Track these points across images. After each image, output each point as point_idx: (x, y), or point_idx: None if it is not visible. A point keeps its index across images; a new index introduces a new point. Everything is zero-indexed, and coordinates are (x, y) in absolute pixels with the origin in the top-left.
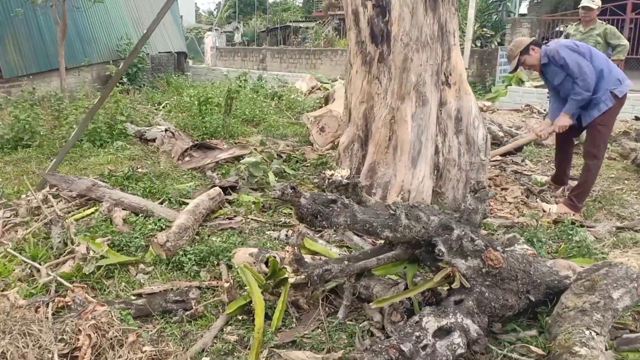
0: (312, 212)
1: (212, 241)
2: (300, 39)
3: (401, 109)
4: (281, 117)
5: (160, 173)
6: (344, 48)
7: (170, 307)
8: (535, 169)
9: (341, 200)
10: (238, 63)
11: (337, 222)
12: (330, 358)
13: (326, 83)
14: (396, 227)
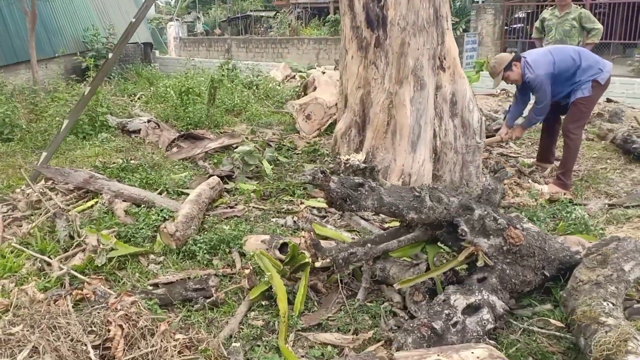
0: (341, 195)
1: (222, 229)
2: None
3: (399, 94)
4: (261, 106)
5: (153, 164)
6: (310, 37)
7: (191, 296)
8: (520, 151)
9: (368, 183)
10: (203, 53)
11: (365, 205)
12: (360, 339)
13: (302, 71)
14: (421, 208)
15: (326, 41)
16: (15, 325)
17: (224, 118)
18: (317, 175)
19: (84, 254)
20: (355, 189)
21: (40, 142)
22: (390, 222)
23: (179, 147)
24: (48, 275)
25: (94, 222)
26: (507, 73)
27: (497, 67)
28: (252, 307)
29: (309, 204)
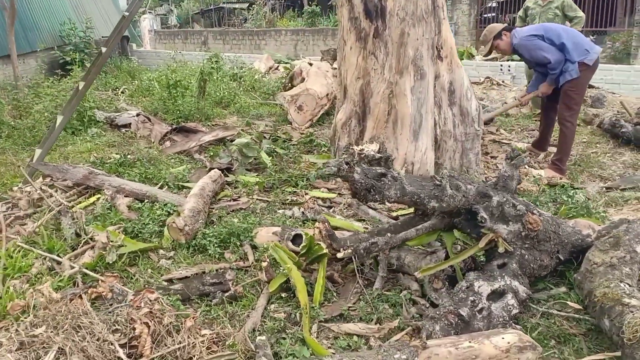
0: (365, 186)
1: (231, 222)
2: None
3: (400, 84)
4: (249, 98)
5: (149, 158)
6: (288, 28)
7: (208, 290)
8: (511, 137)
9: (390, 173)
10: (179, 46)
11: (388, 195)
12: (385, 328)
13: (286, 62)
14: (442, 197)
15: (304, 32)
16: (37, 327)
17: (215, 110)
18: (343, 167)
19: (94, 252)
20: (378, 179)
21: (30, 138)
22: (396, 211)
23: (172, 141)
24: (59, 274)
25: (98, 219)
26: (497, 42)
27: (487, 35)
28: (271, 300)
29: (313, 194)
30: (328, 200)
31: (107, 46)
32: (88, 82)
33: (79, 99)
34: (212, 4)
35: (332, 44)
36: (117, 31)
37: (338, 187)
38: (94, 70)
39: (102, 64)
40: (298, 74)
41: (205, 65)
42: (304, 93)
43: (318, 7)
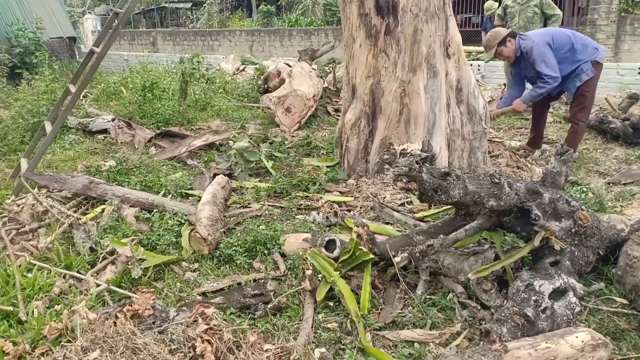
0: (433, 186)
1: (255, 230)
2: (191, 20)
3: (413, 82)
4: (224, 101)
5: (142, 165)
6: (242, 28)
7: (249, 302)
8: (500, 135)
9: (454, 172)
10: (125, 47)
11: (452, 195)
12: (447, 333)
13: (255, 63)
14: (500, 195)
15: (259, 33)
16: (90, 351)
17: (196, 114)
18: (413, 166)
19: (116, 267)
20: (443, 178)
21: (3, 147)
22: (418, 212)
23: (157, 147)
24: (84, 293)
25: (108, 231)
26: (501, 48)
27: (491, 41)
28: (316, 310)
29: (328, 198)
30: (343, 204)
31: (97, 45)
32: (82, 85)
33: (72, 103)
34: (154, 4)
35: (289, 45)
36: (115, 29)
37: (350, 191)
38: (89, 72)
39: (98, 65)
40: (274, 75)
41: (186, 66)
42: (292, 94)
43: (273, 7)
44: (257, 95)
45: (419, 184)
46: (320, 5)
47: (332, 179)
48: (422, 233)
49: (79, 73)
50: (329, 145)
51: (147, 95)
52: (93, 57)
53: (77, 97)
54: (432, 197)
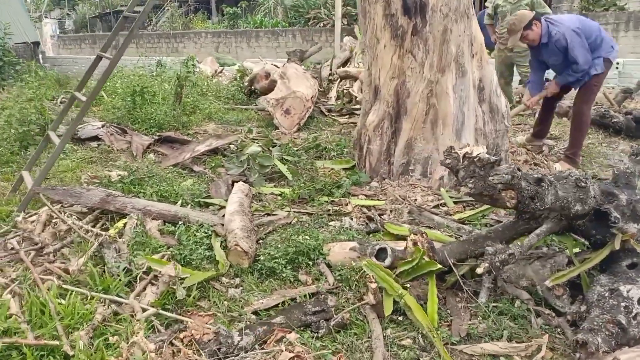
0: (530, 194)
1: (294, 240)
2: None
3: (441, 82)
4: (212, 103)
5: (153, 174)
6: (208, 30)
7: (310, 320)
8: None
9: (546, 178)
10: (86, 51)
11: (546, 202)
12: (533, 345)
13: (232, 65)
14: (586, 199)
15: (225, 34)
16: None
17: (191, 118)
18: (516, 174)
19: (157, 288)
20: (538, 184)
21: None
22: (454, 215)
23: (157, 154)
24: (129, 319)
25: (135, 248)
26: (527, 32)
27: (517, 25)
28: (383, 325)
29: (357, 202)
30: (372, 208)
31: (104, 50)
32: (94, 92)
33: (83, 112)
34: (110, 8)
35: (256, 46)
36: (128, 33)
37: (375, 194)
38: (101, 79)
39: (111, 71)
40: (262, 77)
41: (182, 69)
42: (291, 96)
43: (239, 9)
44: (244, 97)
45: (516, 191)
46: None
47: (356, 182)
48: (481, 238)
49: (85, 80)
50: (338, 147)
51: (137, 100)
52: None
53: (88, 105)
54: (528, 205)
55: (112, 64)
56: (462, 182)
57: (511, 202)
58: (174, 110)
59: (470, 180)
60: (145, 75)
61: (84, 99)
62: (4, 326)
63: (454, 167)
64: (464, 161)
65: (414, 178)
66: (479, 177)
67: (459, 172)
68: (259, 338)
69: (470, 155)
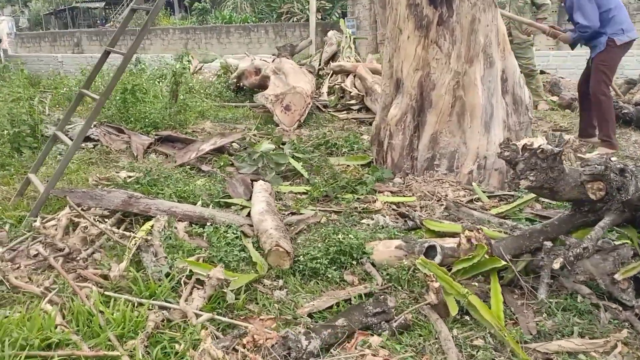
0: (618, 185)
1: (336, 239)
2: (110, 19)
3: (469, 73)
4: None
5: (168, 175)
6: (176, 27)
7: (371, 321)
8: None
9: (629, 168)
10: (46, 49)
11: (629, 193)
12: (612, 340)
13: (210, 61)
14: None
15: (194, 30)
16: None
17: (186, 116)
18: (609, 164)
19: (204, 292)
20: (622, 175)
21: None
22: (490, 209)
23: (159, 154)
24: (182, 325)
25: (168, 250)
26: None
27: None
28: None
29: (384, 199)
30: (401, 204)
31: (112, 45)
32: (108, 90)
33: (97, 111)
34: (65, 4)
35: (226, 42)
36: (142, 28)
37: (400, 190)
38: (115, 75)
39: (124, 68)
40: (251, 73)
41: (177, 66)
42: (291, 92)
43: (208, 4)
44: (231, 94)
45: (605, 183)
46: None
47: (379, 178)
48: (536, 233)
49: (92, 77)
50: (347, 143)
51: (128, 98)
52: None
53: (102, 103)
54: (614, 196)
55: (126, 59)
56: (520, 175)
57: (598, 194)
58: (170, 109)
59: (531, 173)
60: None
61: (96, 96)
62: (57, 337)
63: (513, 159)
64: (524, 153)
65: (439, 173)
66: (541, 170)
67: (517, 165)
68: (325, 341)
69: (531, 146)
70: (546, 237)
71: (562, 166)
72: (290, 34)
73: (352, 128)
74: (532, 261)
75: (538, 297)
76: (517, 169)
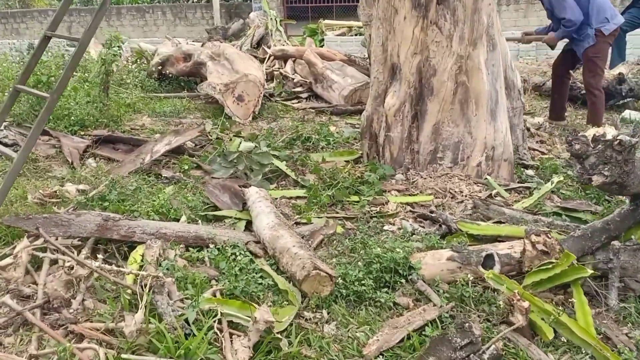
0: None
1: (374, 253)
2: None
3: (473, 56)
4: (128, 92)
5: (122, 186)
6: (55, 8)
7: (460, 356)
8: None
9: None
10: None
11: None
12: None
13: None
14: None
15: (79, 12)
16: None
17: (121, 110)
18: None
19: (247, 339)
20: None
21: None
22: (512, 205)
23: (100, 158)
24: None
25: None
26: None
27: None
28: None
29: (397, 200)
30: (415, 205)
31: (53, 30)
32: (60, 87)
33: (49, 110)
34: None
35: (118, 25)
36: (99, 7)
37: (407, 188)
38: (69, 66)
39: (81, 56)
40: (179, 59)
41: (107, 52)
42: (243, 80)
43: None
44: (154, 84)
45: None
46: None
47: (382, 176)
48: (597, 232)
49: (30, 69)
50: (324, 137)
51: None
52: (47, 46)
53: (54, 103)
54: None
55: (82, 46)
56: (591, 170)
57: None
58: (99, 103)
59: (605, 167)
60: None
61: (44, 94)
62: None
63: (583, 153)
64: (597, 145)
65: (443, 166)
66: (616, 163)
67: (587, 159)
68: None
69: (604, 138)
70: (609, 235)
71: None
72: (191, 16)
73: (313, 119)
74: (596, 263)
75: (610, 304)
76: (587, 164)
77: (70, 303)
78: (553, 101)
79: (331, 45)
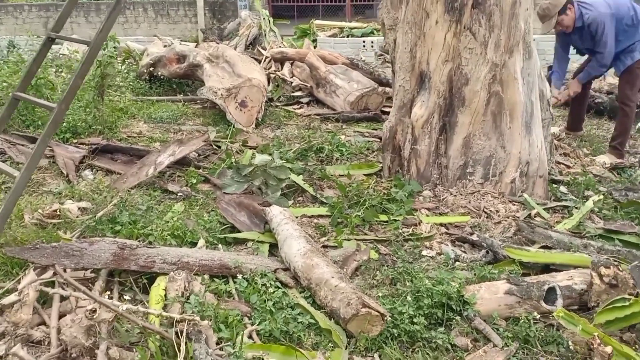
0: None
1: (425, 287)
2: None
3: (509, 65)
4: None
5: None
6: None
7: None
8: None
9: None
10: None
11: None
12: None
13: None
14: None
15: (56, 7)
16: None
17: (115, 116)
18: None
19: None
20: None
21: None
22: (554, 226)
23: (98, 170)
24: None
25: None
26: (562, 17)
27: (551, 10)
28: None
29: (430, 220)
30: (450, 225)
31: (57, 30)
32: (69, 96)
33: (56, 122)
34: None
35: (97, 21)
36: (113, 7)
37: (437, 206)
38: (80, 73)
39: (92, 60)
40: (171, 60)
41: (104, 55)
42: (247, 84)
43: None
44: (144, 86)
45: None
46: None
47: (411, 193)
48: None
49: (31, 74)
50: (337, 148)
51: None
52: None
53: (63, 113)
54: None
55: (94, 50)
56: None
57: None
58: (94, 108)
59: None
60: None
61: (51, 105)
62: None
63: None
64: None
65: (474, 182)
66: None
67: None
68: None
69: None
70: None
71: None
72: (173, 13)
73: (319, 126)
74: None
75: None
76: None
77: (91, 351)
78: (572, 111)
79: (324, 47)
